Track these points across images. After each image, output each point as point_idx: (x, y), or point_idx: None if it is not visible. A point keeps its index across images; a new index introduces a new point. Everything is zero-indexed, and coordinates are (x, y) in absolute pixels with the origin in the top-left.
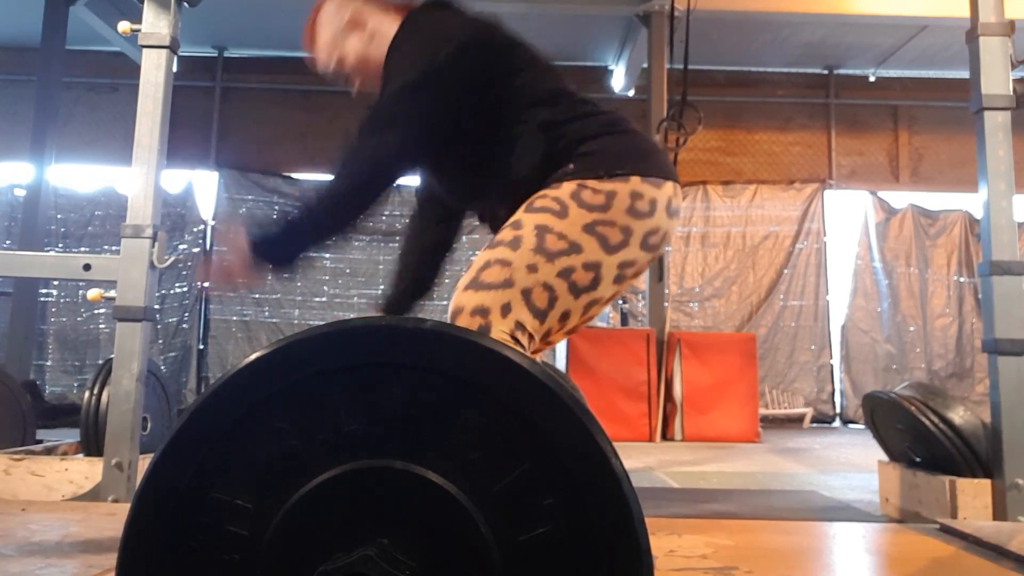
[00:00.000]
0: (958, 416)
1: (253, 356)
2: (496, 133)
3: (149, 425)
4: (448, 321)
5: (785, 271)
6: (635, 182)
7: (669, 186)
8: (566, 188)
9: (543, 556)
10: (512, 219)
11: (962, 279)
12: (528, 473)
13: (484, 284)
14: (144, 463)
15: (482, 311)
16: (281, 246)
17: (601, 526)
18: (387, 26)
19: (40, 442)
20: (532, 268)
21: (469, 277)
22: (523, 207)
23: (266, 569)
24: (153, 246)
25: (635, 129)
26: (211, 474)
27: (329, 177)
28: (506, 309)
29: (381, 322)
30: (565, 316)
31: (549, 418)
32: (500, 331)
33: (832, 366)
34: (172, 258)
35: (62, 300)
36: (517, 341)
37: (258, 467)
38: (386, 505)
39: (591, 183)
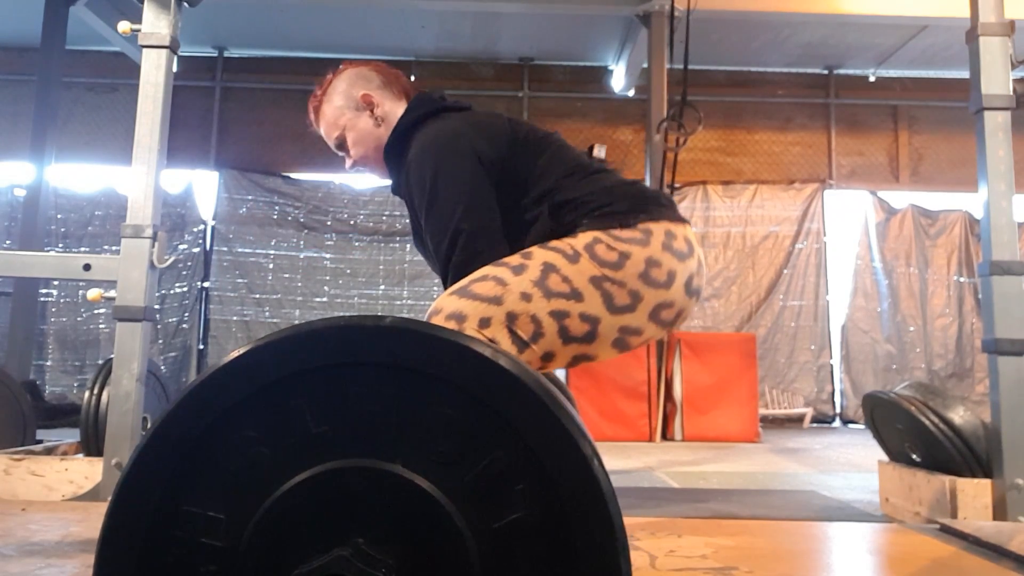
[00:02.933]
0: (958, 416)
1: (215, 366)
2: (512, 224)
3: (149, 425)
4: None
5: (785, 271)
6: (655, 247)
7: (692, 262)
8: (582, 239)
9: (519, 541)
10: (525, 249)
11: (962, 279)
12: (498, 461)
13: (471, 293)
14: None
15: (458, 316)
16: None
17: (573, 506)
18: (397, 112)
19: (40, 442)
20: (526, 297)
21: (460, 284)
22: (539, 244)
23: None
24: (153, 246)
25: (649, 188)
26: (181, 487)
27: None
28: (484, 323)
29: (341, 322)
30: (548, 357)
31: (515, 405)
32: None
33: (832, 366)
34: (172, 258)
35: (62, 300)
36: None
37: (228, 477)
38: (359, 505)
39: (607, 237)
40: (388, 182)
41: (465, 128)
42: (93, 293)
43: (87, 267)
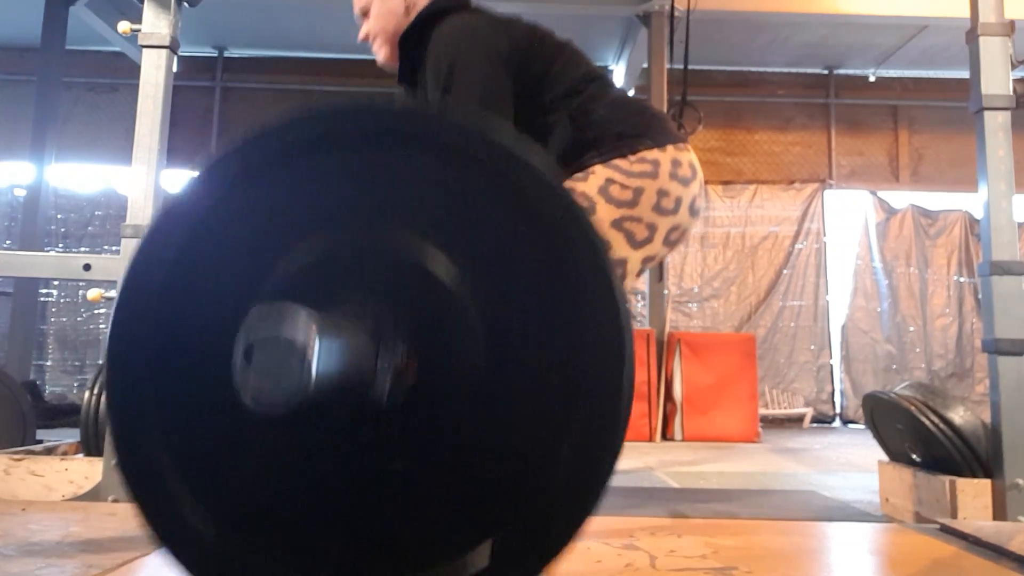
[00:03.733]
0: (958, 416)
1: (280, 115)
2: (531, 124)
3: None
4: None
5: (785, 271)
6: (663, 178)
7: (695, 184)
8: (593, 182)
9: (531, 381)
10: (556, 155)
11: (962, 279)
12: (538, 290)
13: None
14: None
15: None
16: None
17: (596, 357)
18: (423, 2)
19: (40, 442)
20: None
21: None
22: None
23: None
24: None
25: (653, 108)
26: (224, 214)
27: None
28: None
29: (399, 101)
30: None
31: (572, 240)
32: None
33: (832, 366)
34: None
35: (62, 300)
36: None
37: (271, 217)
38: (390, 283)
39: (619, 176)
40: (387, 66)
41: (484, 23)
42: (93, 293)
43: (87, 267)
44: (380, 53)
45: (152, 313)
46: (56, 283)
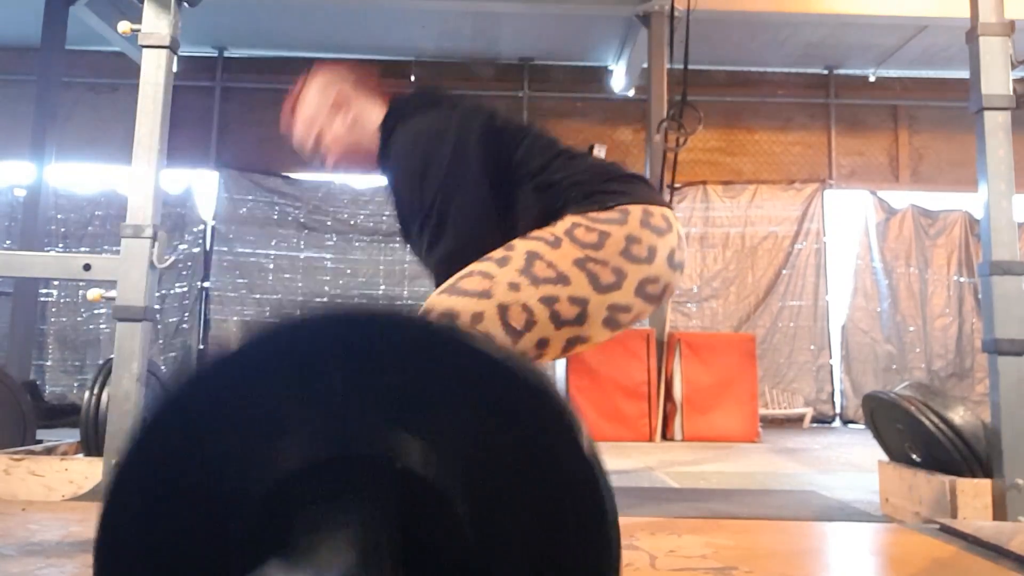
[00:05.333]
0: (958, 416)
1: (254, 332)
2: (501, 203)
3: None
4: None
5: (784, 271)
6: (633, 225)
7: (671, 236)
8: (561, 225)
9: (516, 541)
10: (507, 243)
11: (962, 279)
12: (509, 462)
13: (460, 290)
14: None
15: (451, 315)
16: None
17: (574, 517)
18: (372, 113)
19: (40, 442)
20: (514, 287)
21: (448, 283)
22: (519, 237)
23: (248, 535)
24: (153, 246)
25: (633, 172)
26: (203, 434)
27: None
28: (477, 319)
29: (379, 310)
30: (543, 343)
31: (537, 416)
32: None
33: (832, 366)
34: (172, 258)
35: (62, 300)
36: None
37: (251, 435)
38: (368, 487)
39: (585, 220)
40: (376, 178)
41: (441, 119)
42: (93, 293)
43: (87, 267)
44: (356, 170)
45: (141, 517)
46: (56, 283)
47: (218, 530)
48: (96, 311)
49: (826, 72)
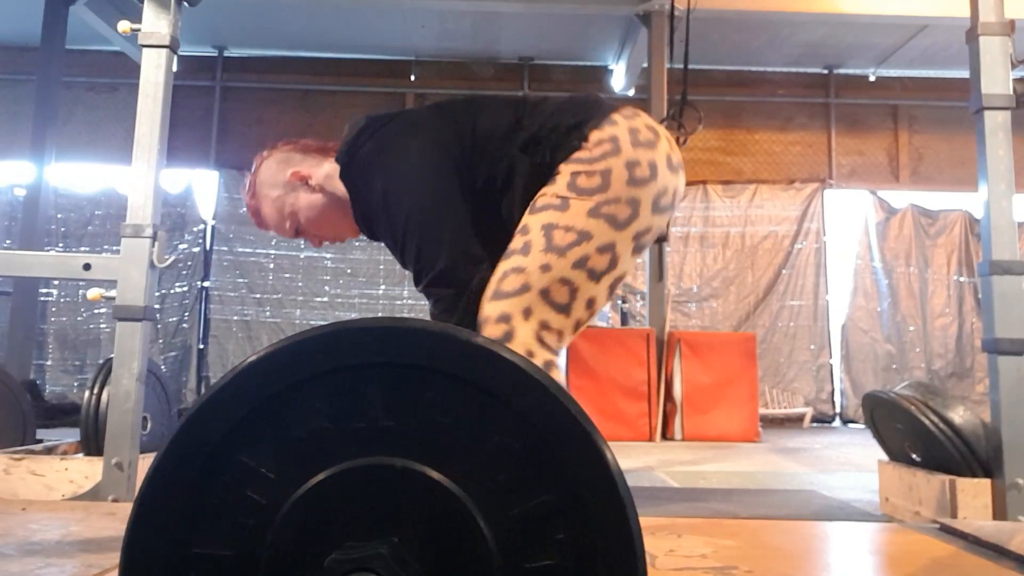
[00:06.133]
0: (958, 416)
1: (300, 336)
2: (495, 184)
3: (149, 425)
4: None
5: (784, 271)
6: (626, 150)
7: (662, 144)
8: (560, 181)
9: None
10: (520, 225)
11: (962, 279)
12: (546, 504)
13: (504, 293)
14: (145, 463)
15: (505, 318)
16: None
17: (607, 572)
18: (328, 167)
19: (40, 442)
20: (546, 268)
21: (491, 289)
22: (527, 211)
23: (277, 540)
24: (153, 246)
25: (589, 95)
26: (242, 437)
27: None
28: (527, 312)
29: (434, 328)
30: (591, 303)
31: (578, 457)
32: (524, 333)
33: (832, 366)
34: (172, 258)
35: (62, 300)
36: (543, 342)
37: (288, 441)
38: (404, 505)
39: (582, 166)
40: (362, 234)
41: (388, 140)
42: (93, 293)
43: (87, 267)
44: (349, 236)
45: (169, 532)
46: (56, 283)
47: (247, 539)
48: (96, 311)
49: (826, 72)
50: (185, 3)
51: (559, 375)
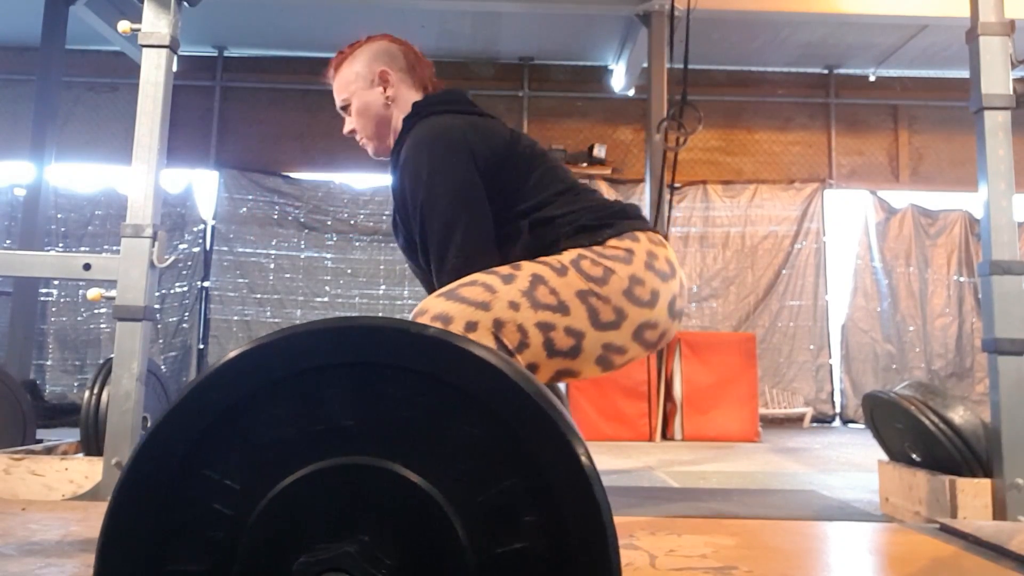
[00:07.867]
0: (958, 416)
1: (255, 343)
2: (498, 230)
3: (149, 425)
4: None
5: (784, 271)
6: (637, 266)
7: (674, 283)
8: (567, 255)
9: (518, 570)
10: (516, 261)
11: (962, 279)
12: (513, 488)
13: (459, 296)
14: None
15: (444, 318)
16: None
17: (578, 549)
18: (407, 101)
19: (40, 442)
20: (514, 305)
21: (448, 287)
22: (527, 260)
23: (247, 550)
24: (153, 246)
25: (629, 205)
26: (204, 451)
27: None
28: (471, 327)
29: (385, 323)
30: (532, 369)
31: (540, 439)
32: None
33: (831, 366)
34: (172, 258)
35: (62, 300)
36: None
37: (250, 450)
38: (371, 503)
39: (591, 254)
40: (378, 157)
41: (463, 126)
42: (93, 293)
43: (87, 267)
44: (368, 148)
45: (140, 552)
46: (56, 283)
47: (218, 553)
48: (96, 311)
49: (826, 72)
50: (185, 3)
51: None
